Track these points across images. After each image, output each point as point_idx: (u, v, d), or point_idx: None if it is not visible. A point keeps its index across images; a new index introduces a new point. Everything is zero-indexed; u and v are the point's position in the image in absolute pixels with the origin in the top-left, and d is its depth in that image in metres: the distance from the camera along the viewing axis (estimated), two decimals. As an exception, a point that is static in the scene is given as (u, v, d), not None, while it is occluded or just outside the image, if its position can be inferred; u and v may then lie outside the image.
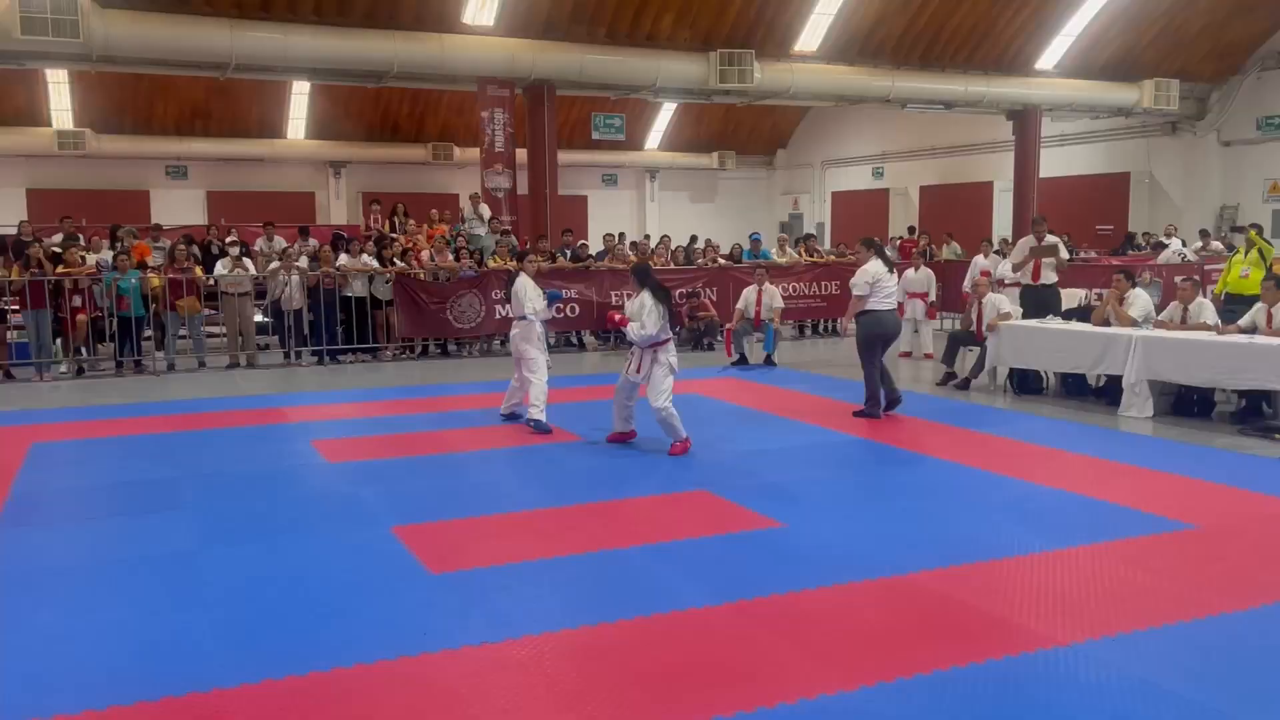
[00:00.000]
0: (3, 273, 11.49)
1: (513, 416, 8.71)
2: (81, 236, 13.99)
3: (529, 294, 8.38)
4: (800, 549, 5.24)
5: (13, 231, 14.20)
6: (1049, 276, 11.44)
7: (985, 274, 11.51)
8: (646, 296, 7.37)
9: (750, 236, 17.26)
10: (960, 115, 22.49)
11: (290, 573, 4.94)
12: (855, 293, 8.63)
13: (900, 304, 13.73)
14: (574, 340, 14.70)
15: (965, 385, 10.57)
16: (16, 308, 11.60)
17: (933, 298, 13.66)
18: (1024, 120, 21.38)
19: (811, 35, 18.93)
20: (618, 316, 8.06)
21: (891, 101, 20.22)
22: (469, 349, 13.88)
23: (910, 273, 13.74)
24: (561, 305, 13.85)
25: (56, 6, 12.89)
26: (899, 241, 18.89)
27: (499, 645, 4.03)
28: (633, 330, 7.39)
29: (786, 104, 22.45)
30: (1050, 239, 11.63)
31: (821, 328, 16.40)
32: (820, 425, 8.59)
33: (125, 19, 13.92)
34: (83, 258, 12.29)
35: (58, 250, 12.63)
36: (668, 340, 7.49)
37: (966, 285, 13.67)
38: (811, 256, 16.53)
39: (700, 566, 4.98)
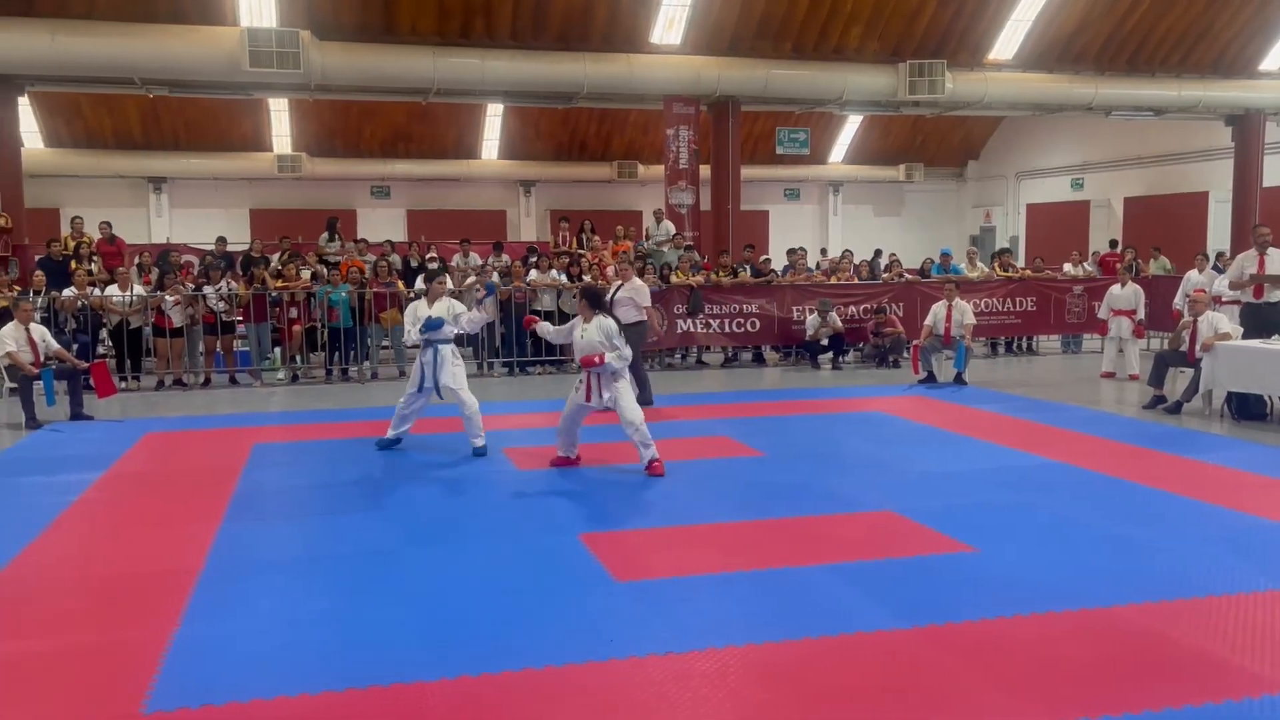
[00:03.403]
0: (237, 286, 12.56)
1: None
2: (302, 255, 15.07)
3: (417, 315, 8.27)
4: (993, 575, 5.03)
5: (244, 249, 15.47)
6: (1275, 294, 10.58)
7: (1200, 291, 10.74)
8: (609, 321, 7.39)
9: (941, 251, 16.77)
10: (1171, 122, 21.12)
11: (483, 574, 5.14)
12: (643, 304, 10.44)
13: (1104, 321, 13.10)
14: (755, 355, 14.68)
15: (1176, 409, 9.89)
16: (241, 319, 12.66)
17: (1140, 315, 12.87)
18: (1245, 125, 19.90)
19: (1007, 43, 18.28)
20: (534, 322, 8.15)
21: (1094, 109, 19.25)
22: (651, 363, 14.06)
23: (1115, 289, 13.01)
24: (742, 320, 13.88)
25: (280, 41, 14.04)
26: (1099, 255, 17.84)
27: (682, 656, 4.06)
28: (614, 359, 7.25)
29: (979, 114, 21.71)
30: (1274, 254, 10.74)
31: (1016, 346, 15.75)
32: (1014, 447, 8.24)
33: (339, 50, 14.99)
34: (299, 273, 13.28)
35: (279, 268, 13.67)
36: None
37: (1178, 302, 12.84)
38: (1006, 271, 15.87)
39: (887, 588, 4.86)
